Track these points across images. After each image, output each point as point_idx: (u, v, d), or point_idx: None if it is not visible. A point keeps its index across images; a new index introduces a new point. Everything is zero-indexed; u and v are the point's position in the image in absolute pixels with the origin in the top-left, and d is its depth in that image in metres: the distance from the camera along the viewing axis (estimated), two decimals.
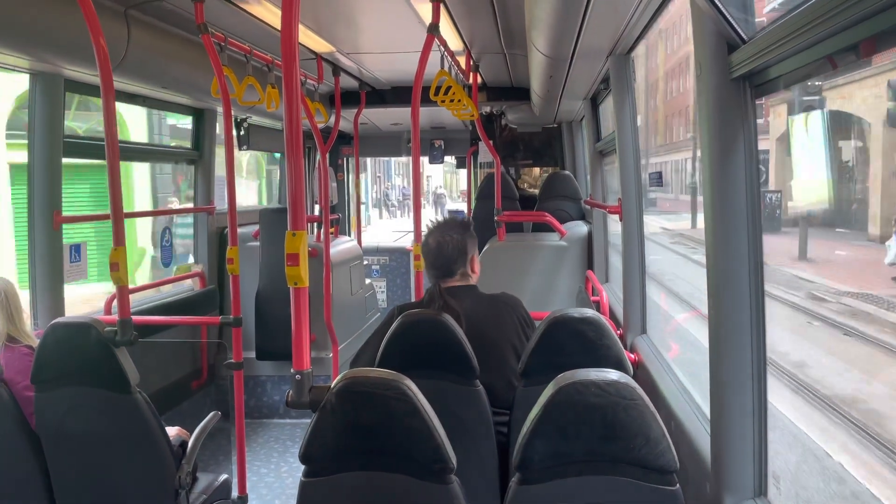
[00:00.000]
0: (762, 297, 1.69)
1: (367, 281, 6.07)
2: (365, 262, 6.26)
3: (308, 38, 3.99)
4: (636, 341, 3.20)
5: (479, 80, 5.05)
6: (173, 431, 2.69)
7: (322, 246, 4.56)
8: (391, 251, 7.70)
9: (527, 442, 1.53)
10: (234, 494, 3.23)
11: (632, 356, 2.76)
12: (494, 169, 5.08)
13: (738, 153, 1.67)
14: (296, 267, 1.62)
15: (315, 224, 5.12)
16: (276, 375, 5.03)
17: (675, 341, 4.11)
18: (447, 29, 3.76)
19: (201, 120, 4.81)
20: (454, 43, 4.12)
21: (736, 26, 1.58)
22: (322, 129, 5.11)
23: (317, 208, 5.95)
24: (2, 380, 2.41)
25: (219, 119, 4.85)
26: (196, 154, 4.86)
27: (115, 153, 2.51)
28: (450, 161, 9.34)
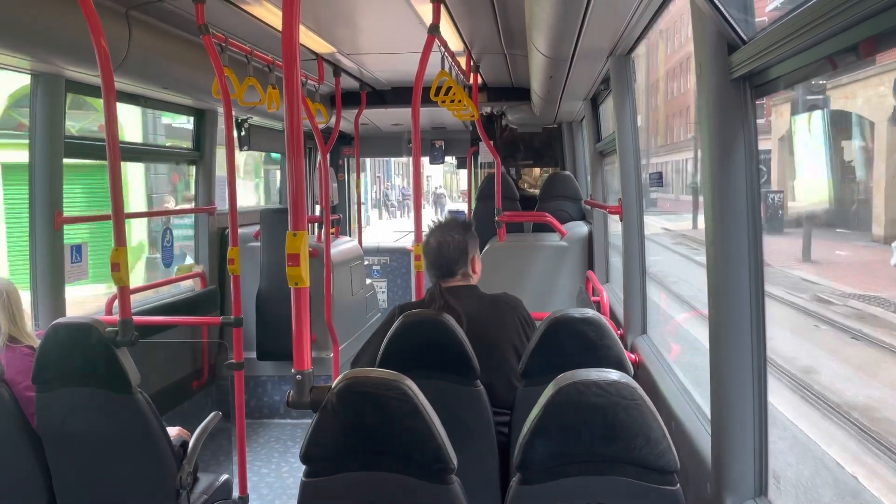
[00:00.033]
0: (762, 298, 1.69)
1: (368, 281, 6.07)
2: (365, 263, 6.26)
3: (309, 39, 4.00)
4: (637, 341, 3.20)
5: (480, 81, 5.05)
6: (174, 431, 2.70)
7: (323, 246, 4.56)
8: (392, 251, 7.70)
9: (527, 442, 1.54)
10: (235, 494, 3.24)
11: (632, 356, 2.76)
12: (495, 169, 5.08)
13: (739, 153, 1.67)
14: (297, 267, 1.62)
15: (316, 224, 5.13)
16: (277, 375, 5.03)
17: (683, 346, 4.08)
18: (447, 29, 3.76)
19: (202, 120, 4.81)
20: (454, 43, 4.12)
21: (736, 27, 1.59)
22: (323, 130, 5.11)
23: (317, 208, 5.96)
24: (3, 380, 2.42)
25: (220, 120, 4.85)
26: (197, 154, 4.86)
27: (116, 154, 2.52)
28: (450, 161, 9.33)
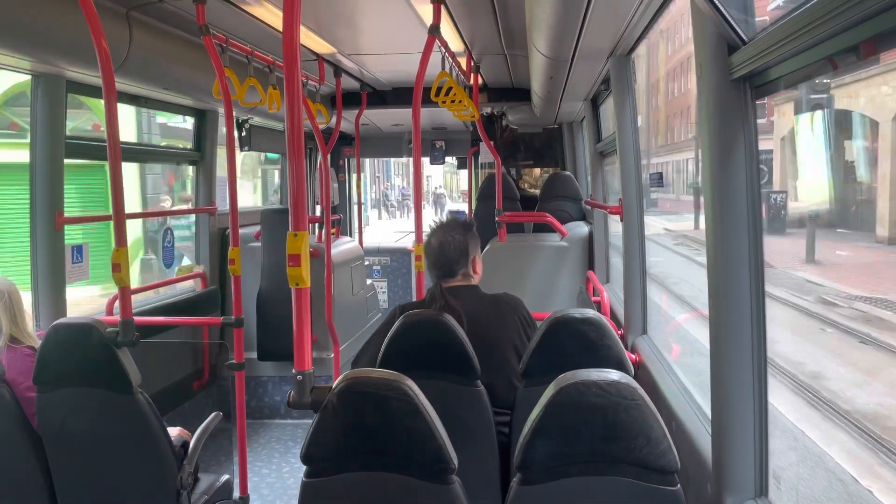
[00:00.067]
0: (763, 298, 1.69)
1: (369, 281, 6.07)
2: (366, 263, 6.26)
3: (309, 40, 4.00)
4: (637, 342, 3.20)
5: (480, 81, 5.05)
6: (175, 432, 2.70)
7: (323, 246, 4.56)
8: (392, 252, 7.70)
9: (528, 442, 1.54)
10: (236, 495, 3.24)
11: (633, 356, 2.76)
12: (495, 169, 5.08)
13: (739, 154, 1.67)
14: (297, 267, 1.62)
15: (316, 224, 5.13)
16: (278, 376, 5.03)
17: (688, 348, 4.06)
18: (448, 30, 3.76)
19: (203, 121, 4.81)
20: (455, 44, 4.13)
21: (736, 27, 1.59)
22: (323, 130, 5.11)
23: (318, 209, 5.96)
24: (4, 380, 2.42)
25: (220, 120, 4.85)
26: (198, 155, 4.86)
27: (117, 154, 2.52)
28: (450, 161, 9.33)
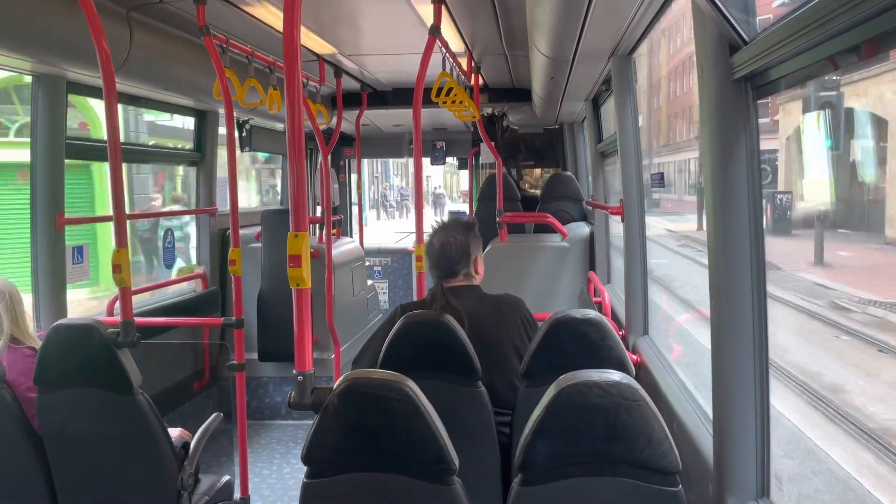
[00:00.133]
0: (764, 298, 1.69)
1: (369, 282, 6.07)
2: (367, 264, 6.26)
3: (310, 40, 4.00)
4: (638, 342, 3.20)
5: (481, 82, 5.04)
6: (175, 433, 2.70)
7: (324, 247, 4.56)
8: (393, 252, 7.70)
9: (529, 443, 1.53)
10: (237, 496, 3.24)
11: (634, 357, 2.76)
12: (496, 170, 5.08)
13: (740, 154, 1.67)
14: (298, 268, 1.62)
15: (317, 225, 5.12)
16: (278, 377, 5.03)
17: (696, 354, 4.00)
18: (448, 30, 3.76)
19: (203, 121, 4.81)
20: (455, 44, 4.12)
21: (737, 27, 1.58)
22: (324, 131, 5.11)
23: (319, 209, 5.96)
24: (4, 381, 2.42)
25: (221, 121, 4.85)
26: (198, 156, 4.86)
27: (118, 155, 2.52)
28: (451, 162, 9.33)
